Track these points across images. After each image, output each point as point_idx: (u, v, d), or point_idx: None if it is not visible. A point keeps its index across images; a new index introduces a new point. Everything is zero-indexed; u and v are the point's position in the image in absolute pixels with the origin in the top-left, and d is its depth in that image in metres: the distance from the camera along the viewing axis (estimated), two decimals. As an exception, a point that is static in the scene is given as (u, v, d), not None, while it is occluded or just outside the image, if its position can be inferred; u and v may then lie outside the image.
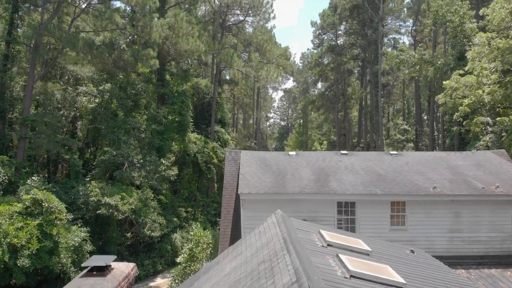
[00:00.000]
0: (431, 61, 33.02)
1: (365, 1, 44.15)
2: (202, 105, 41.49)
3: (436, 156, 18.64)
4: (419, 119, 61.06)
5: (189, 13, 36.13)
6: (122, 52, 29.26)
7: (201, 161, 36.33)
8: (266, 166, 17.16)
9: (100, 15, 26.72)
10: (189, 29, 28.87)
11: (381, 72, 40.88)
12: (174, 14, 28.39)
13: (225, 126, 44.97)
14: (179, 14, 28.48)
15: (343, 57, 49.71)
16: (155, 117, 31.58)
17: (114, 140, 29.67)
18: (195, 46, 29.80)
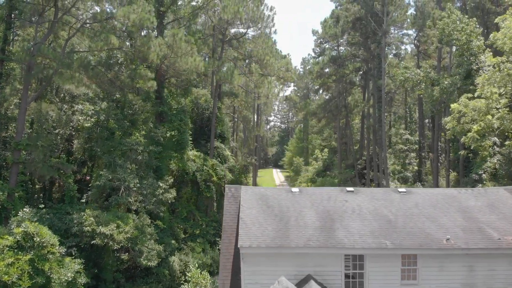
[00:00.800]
0: (437, 79, 32.12)
1: (368, 14, 43.21)
2: (202, 120, 40.57)
3: (446, 194, 17.72)
4: (422, 131, 60.16)
5: (189, 28, 35.24)
6: (119, 71, 28.36)
7: (200, 179, 35.44)
8: (268, 207, 16.26)
9: (95, 36, 25.81)
10: (187, 49, 27.96)
11: (384, 87, 39.97)
12: (173, 34, 27.49)
13: (225, 140, 44.07)
14: (177, 34, 27.55)
15: (345, 69, 48.76)
16: (152, 137, 30.66)
17: (110, 162, 28.76)
18: (194, 66, 28.88)
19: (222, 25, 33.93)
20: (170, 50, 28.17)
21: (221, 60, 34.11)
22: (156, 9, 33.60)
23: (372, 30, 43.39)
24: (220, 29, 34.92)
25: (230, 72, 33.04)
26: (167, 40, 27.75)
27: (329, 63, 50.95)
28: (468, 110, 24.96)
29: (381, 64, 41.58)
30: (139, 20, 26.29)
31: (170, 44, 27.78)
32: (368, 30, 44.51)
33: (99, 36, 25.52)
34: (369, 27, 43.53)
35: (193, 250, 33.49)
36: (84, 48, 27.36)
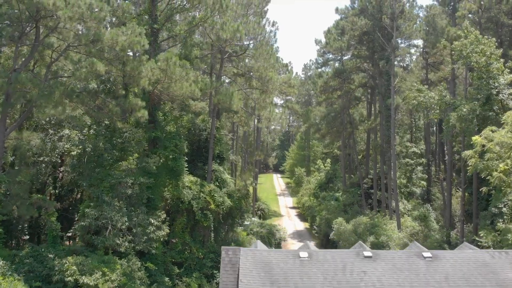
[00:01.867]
0: (453, 103, 29.64)
1: (375, 28, 40.72)
2: (199, 142, 38.04)
3: (478, 260, 15.24)
4: (429, 145, 57.71)
5: (185, 45, 32.73)
6: (107, 98, 25.88)
7: (196, 208, 32.93)
8: (271, 283, 13.78)
9: (79, 62, 23.32)
10: (182, 74, 25.46)
11: (394, 107, 37.48)
12: (166, 59, 24.99)
13: (224, 161, 41.58)
14: (171, 58, 25.05)
15: (351, 84, 46.26)
16: (144, 168, 28.17)
17: (97, 196, 26.31)
18: (189, 91, 26.40)
19: (220, 44, 31.42)
20: (163, 74, 25.68)
21: (220, 81, 31.57)
22: (150, 26, 31.13)
23: (380, 45, 40.89)
24: (218, 47, 32.43)
25: (229, 95, 30.52)
26: (160, 64, 25.23)
27: (333, 77, 48.44)
28: (492, 145, 22.49)
29: (390, 82, 39.10)
30: (129, 44, 23.82)
31: (163, 68, 25.28)
32: (375, 45, 42.03)
33: (83, 62, 23.02)
34: (377, 41, 41.04)
35: (188, 286, 31.06)
36: (68, 75, 24.86)
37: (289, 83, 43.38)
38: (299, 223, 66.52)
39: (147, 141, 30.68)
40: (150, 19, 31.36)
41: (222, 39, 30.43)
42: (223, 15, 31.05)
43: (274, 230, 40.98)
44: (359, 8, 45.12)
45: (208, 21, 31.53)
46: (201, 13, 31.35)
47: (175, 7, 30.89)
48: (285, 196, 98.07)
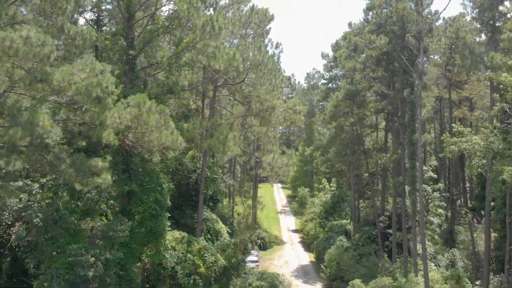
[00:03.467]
0: (504, 152, 23.44)
1: (396, 47, 34.53)
2: (188, 184, 31.89)
3: None
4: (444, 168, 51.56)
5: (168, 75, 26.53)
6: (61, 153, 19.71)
7: (182, 274, 26.81)
8: None
9: (18, 112, 17.18)
10: (161, 122, 19.33)
11: (421, 143, 31.30)
12: (138, 104, 18.84)
13: (217, 204, 35.41)
14: (144, 103, 18.89)
15: (366, 110, 40.18)
16: (111, 238, 21.98)
17: (52, 276, 20.21)
18: (170, 141, 20.26)
19: (212, 73, 25.18)
20: (135, 121, 19.52)
21: (212, 119, 25.38)
22: (125, 52, 24.97)
23: (402, 68, 34.70)
24: (210, 78, 26.12)
25: (223, 139, 24.26)
26: (131, 110, 19.07)
27: (344, 100, 42.19)
28: None
29: (414, 111, 32.91)
30: (85, 88, 17.65)
31: (135, 115, 19.14)
32: (395, 67, 35.85)
33: (21, 113, 16.88)
34: (398, 63, 34.83)
35: None
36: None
37: (294, 109, 37.27)
38: (303, 254, 60.28)
39: (119, 196, 24.54)
40: (126, 42, 25.22)
41: (215, 69, 24.24)
42: (216, 39, 24.89)
43: (276, 282, 34.85)
44: (375, 22, 38.95)
45: (197, 45, 25.38)
46: (188, 36, 25.19)
47: (156, 29, 24.74)
48: (286, 214, 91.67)
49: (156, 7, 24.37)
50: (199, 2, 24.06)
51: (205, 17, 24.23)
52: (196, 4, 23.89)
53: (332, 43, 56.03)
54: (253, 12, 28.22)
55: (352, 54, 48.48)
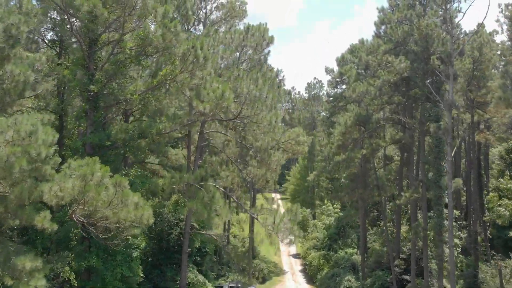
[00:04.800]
0: None
1: (418, 71, 29.10)
2: (168, 241, 26.26)
3: None
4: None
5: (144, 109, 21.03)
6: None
7: None
8: None
9: None
10: (116, 198, 13.87)
11: (452, 191, 25.85)
12: (83, 176, 13.38)
13: (206, 257, 29.85)
14: (92, 174, 13.43)
15: (381, 140, 34.69)
16: None
17: None
18: (133, 217, 14.78)
19: (197, 114, 19.61)
20: (81, 196, 14.05)
21: (196, 173, 19.66)
22: (83, 87, 19.48)
23: (425, 94, 29.28)
24: (193, 119, 20.52)
25: (209, 202, 18.67)
26: (75, 183, 13.62)
27: (354, 125, 36.69)
28: None
29: (439, 148, 27.52)
30: (6, 160, 12.23)
31: (80, 190, 13.73)
32: (416, 93, 30.41)
33: None
34: (421, 90, 29.38)
35: None
36: None
37: (297, 140, 31.82)
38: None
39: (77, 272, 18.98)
40: (87, 74, 19.71)
41: (199, 112, 18.72)
42: (201, 69, 19.43)
43: None
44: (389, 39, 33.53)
45: (178, 78, 19.93)
46: (166, 68, 19.72)
47: (123, 58, 19.27)
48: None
49: (123, 31, 18.88)
50: (178, 26, 18.60)
51: (187, 44, 18.76)
52: (174, 28, 18.44)
53: (337, 56, 50.77)
54: (248, 34, 22.73)
55: (360, 72, 43.15)
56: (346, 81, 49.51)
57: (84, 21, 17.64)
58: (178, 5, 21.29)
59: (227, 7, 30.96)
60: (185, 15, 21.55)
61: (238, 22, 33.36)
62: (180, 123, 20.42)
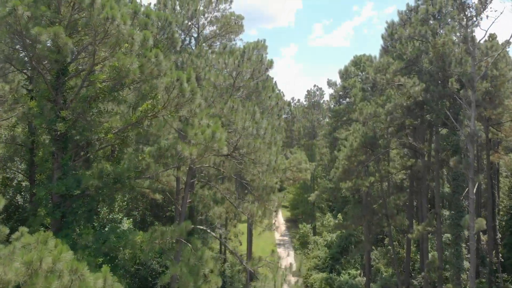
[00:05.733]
0: None
1: (432, 93, 26.09)
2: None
3: None
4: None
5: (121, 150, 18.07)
6: None
7: None
8: None
9: None
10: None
11: (474, 232, 22.85)
12: (29, 262, 10.34)
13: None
14: (40, 260, 10.38)
15: (390, 167, 31.63)
16: None
17: None
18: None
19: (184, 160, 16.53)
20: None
21: (181, 225, 16.57)
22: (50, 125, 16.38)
23: (442, 120, 26.29)
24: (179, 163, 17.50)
25: (196, 268, 15.52)
26: (19, 269, 10.55)
27: (361, 148, 33.69)
28: None
29: (460, 183, 24.54)
30: None
31: (23, 279, 10.69)
32: (432, 117, 27.44)
33: None
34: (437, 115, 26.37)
35: None
36: None
37: (299, 167, 28.82)
38: (307, 315, 51.75)
39: None
40: (52, 110, 16.65)
41: (185, 157, 15.66)
42: (189, 104, 16.42)
43: None
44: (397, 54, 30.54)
45: (160, 114, 16.90)
46: (147, 103, 16.66)
47: (94, 93, 16.21)
48: (285, 246, 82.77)
49: (94, 61, 15.81)
50: (160, 55, 15.57)
51: (171, 76, 15.72)
52: (155, 58, 15.41)
53: (340, 69, 47.76)
54: (244, 57, 19.69)
55: (366, 88, 40.13)
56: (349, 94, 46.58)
57: (44, 52, 14.57)
58: (163, 26, 18.24)
59: (222, 21, 27.91)
60: (171, 37, 18.53)
61: (234, 37, 30.31)
62: (165, 166, 17.36)
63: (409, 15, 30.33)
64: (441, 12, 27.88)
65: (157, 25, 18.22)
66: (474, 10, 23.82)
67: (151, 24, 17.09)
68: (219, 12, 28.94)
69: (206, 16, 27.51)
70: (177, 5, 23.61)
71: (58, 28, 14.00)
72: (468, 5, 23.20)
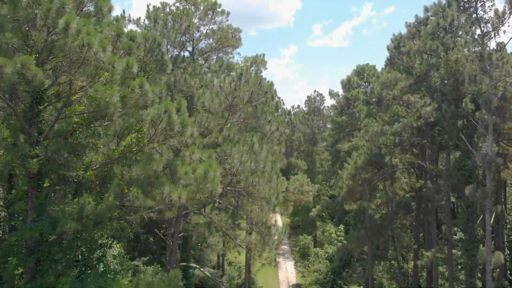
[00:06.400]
0: None
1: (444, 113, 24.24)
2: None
3: None
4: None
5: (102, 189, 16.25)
6: None
7: None
8: None
9: None
10: None
11: (491, 268, 21.00)
12: None
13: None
14: None
15: (397, 187, 29.71)
16: None
17: None
18: None
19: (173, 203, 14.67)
20: None
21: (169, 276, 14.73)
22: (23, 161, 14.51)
23: (455, 142, 24.44)
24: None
25: None
26: None
27: (366, 166, 31.82)
28: None
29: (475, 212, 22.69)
30: None
31: None
32: (443, 138, 25.58)
33: None
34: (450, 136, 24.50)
35: None
36: None
37: (301, 190, 27.00)
38: (307, 332, 49.94)
39: None
40: (26, 143, 14.76)
41: (173, 200, 13.80)
42: (179, 137, 14.56)
43: None
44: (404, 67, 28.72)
45: (146, 148, 15.03)
46: (130, 135, 14.80)
47: (71, 128, 14.35)
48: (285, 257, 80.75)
49: (71, 91, 13.94)
50: (146, 84, 13.74)
51: (158, 108, 13.87)
52: (140, 88, 13.57)
53: (343, 79, 45.91)
54: (241, 81, 17.81)
55: (370, 101, 38.27)
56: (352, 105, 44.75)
57: (13, 84, 12.70)
58: (150, 48, 16.38)
59: (219, 34, 26.05)
60: (160, 60, 16.67)
61: (231, 50, 28.50)
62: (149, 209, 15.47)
63: (418, 27, 28.49)
64: (453, 25, 26.04)
65: (144, 46, 16.34)
66: (491, 25, 21.95)
67: (137, 47, 15.21)
68: (215, 24, 27.12)
69: (201, 29, 25.68)
70: (169, 20, 21.72)
71: (26, 57, 12.10)
72: (484, 19, 21.34)
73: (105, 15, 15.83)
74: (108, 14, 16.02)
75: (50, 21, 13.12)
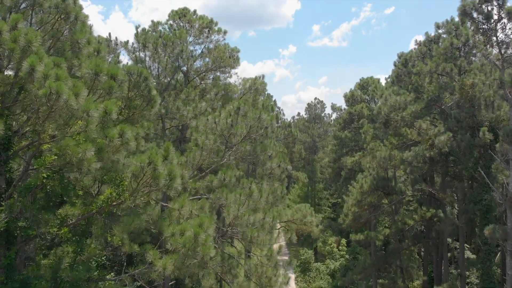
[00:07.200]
0: None
1: (459, 142, 22.30)
2: None
3: None
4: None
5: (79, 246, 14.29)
6: None
7: None
8: None
9: None
10: None
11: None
12: None
13: None
14: None
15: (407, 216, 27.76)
16: None
17: None
18: None
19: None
20: None
21: None
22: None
23: (470, 173, 22.52)
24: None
25: None
26: None
27: (372, 191, 29.90)
28: None
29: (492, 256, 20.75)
30: None
31: None
32: (457, 169, 23.67)
33: None
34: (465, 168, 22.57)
35: None
36: None
37: (304, 221, 25.11)
38: None
39: None
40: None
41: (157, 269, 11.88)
42: (167, 190, 12.63)
43: None
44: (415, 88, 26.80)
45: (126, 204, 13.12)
46: (110, 189, 12.88)
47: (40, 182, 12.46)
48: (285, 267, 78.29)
49: (40, 141, 12.05)
50: (128, 132, 11.85)
51: (140, 159, 11.93)
52: (120, 137, 11.69)
53: (346, 92, 43.96)
54: (238, 115, 15.90)
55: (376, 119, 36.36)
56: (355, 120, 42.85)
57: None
58: (136, 83, 14.46)
59: (215, 54, 24.16)
60: (147, 95, 14.76)
61: (229, 69, 26.64)
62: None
63: (429, 45, 26.59)
64: (467, 45, 24.15)
65: (129, 82, 14.40)
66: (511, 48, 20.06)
67: (119, 84, 13.27)
68: (211, 43, 25.24)
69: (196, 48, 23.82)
70: (161, 44, 19.79)
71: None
72: (506, 44, 19.43)
73: (83, 48, 13.92)
74: (86, 46, 14.10)
75: (14, 64, 11.23)
